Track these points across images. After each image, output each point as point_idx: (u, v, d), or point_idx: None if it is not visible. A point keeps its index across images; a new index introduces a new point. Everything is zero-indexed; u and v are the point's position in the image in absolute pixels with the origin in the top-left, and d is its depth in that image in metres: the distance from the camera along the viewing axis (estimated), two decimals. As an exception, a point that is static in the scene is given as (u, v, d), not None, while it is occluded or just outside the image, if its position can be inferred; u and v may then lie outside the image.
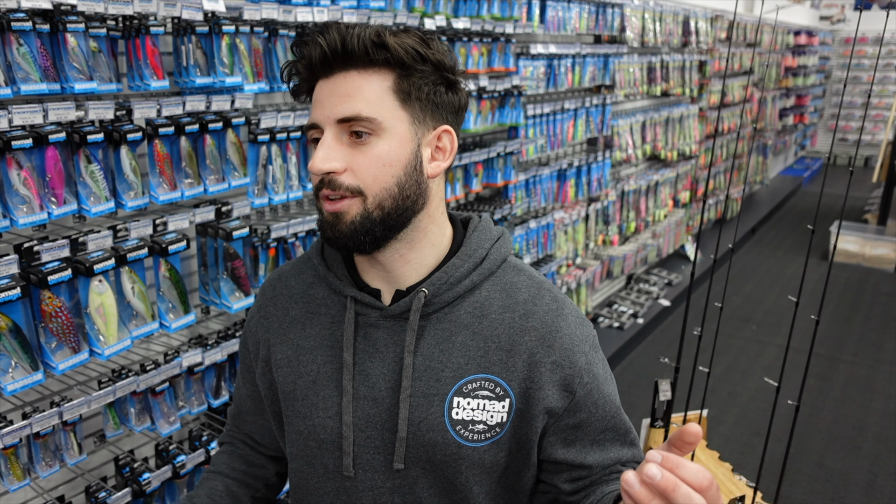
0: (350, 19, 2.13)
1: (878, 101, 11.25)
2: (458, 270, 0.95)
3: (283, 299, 1.06)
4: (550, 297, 0.99)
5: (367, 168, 0.88)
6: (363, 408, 0.95)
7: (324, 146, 0.88)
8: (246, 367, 1.14)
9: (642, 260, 5.13)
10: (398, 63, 0.88)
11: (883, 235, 6.47)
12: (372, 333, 0.96)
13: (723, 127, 6.28)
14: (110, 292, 1.62)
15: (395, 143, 0.89)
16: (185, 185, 1.80)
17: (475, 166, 2.94)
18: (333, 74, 0.89)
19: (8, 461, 1.58)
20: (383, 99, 0.88)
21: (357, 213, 0.89)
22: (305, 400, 0.99)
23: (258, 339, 1.08)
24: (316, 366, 0.99)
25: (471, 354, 0.94)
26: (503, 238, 1.02)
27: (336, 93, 0.88)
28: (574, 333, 0.97)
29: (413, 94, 0.90)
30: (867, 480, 3.15)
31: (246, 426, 1.18)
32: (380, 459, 0.96)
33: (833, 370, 4.25)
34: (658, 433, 2.04)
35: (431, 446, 0.93)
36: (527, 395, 0.94)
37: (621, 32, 4.24)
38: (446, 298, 0.95)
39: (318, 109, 0.90)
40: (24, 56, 1.47)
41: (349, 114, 0.87)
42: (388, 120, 0.88)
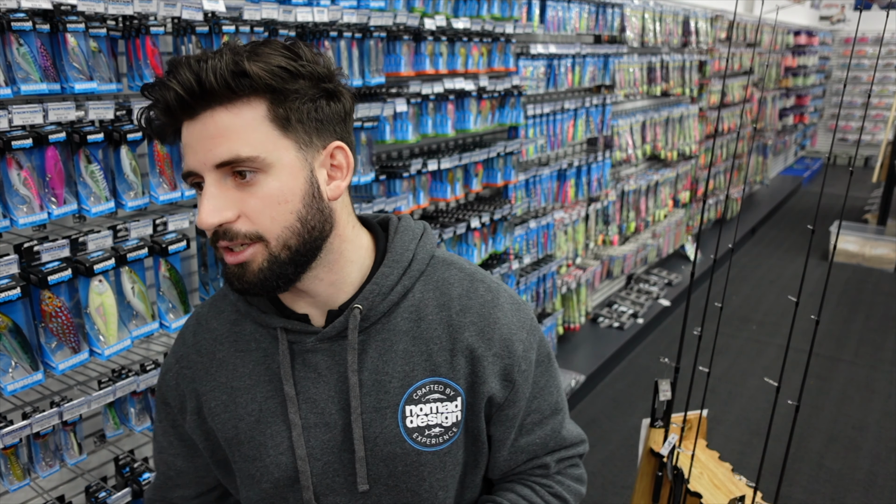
0: (350, 19, 2.13)
1: (878, 101, 11.24)
2: (389, 279, 0.92)
3: (207, 343, 0.98)
4: (484, 287, 0.97)
5: (262, 210, 0.81)
6: (315, 436, 0.92)
7: (208, 197, 0.80)
8: (170, 425, 1.03)
9: (642, 260, 5.13)
10: (267, 88, 0.80)
11: (883, 235, 6.47)
12: (310, 359, 0.92)
13: (723, 127, 6.28)
14: (110, 292, 1.62)
15: (286, 176, 0.81)
16: (185, 185, 1.80)
17: (475, 166, 2.94)
18: (197, 115, 0.80)
19: (8, 461, 1.58)
20: (260, 132, 0.80)
21: (263, 260, 0.82)
22: (251, 441, 0.94)
23: (181, 391, 0.99)
24: (256, 404, 0.93)
25: (415, 360, 0.92)
26: (426, 234, 0.99)
27: (205, 135, 0.79)
28: (511, 322, 0.96)
29: (293, 118, 0.82)
30: (867, 480, 3.15)
31: (177, 493, 1.08)
32: (341, 483, 0.93)
33: (833, 370, 4.25)
34: (658, 433, 2.04)
35: (392, 459, 0.92)
36: (473, 389, 0.94)
37: (621, 32, 4.24)
38: (381, 309, 0.91)
39: (190, 155, 0.81)
40: (24, 56, 1.47)
41: (226, 157, 0.79)
42: (271, 154, 0.80)
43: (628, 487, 3.03)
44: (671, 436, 1.99)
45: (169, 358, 1.03)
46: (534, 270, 3.54)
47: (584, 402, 3.75)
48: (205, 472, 1.06)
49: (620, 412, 3.67)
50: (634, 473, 2.44)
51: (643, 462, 2.08)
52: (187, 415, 0.99)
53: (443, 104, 2.69)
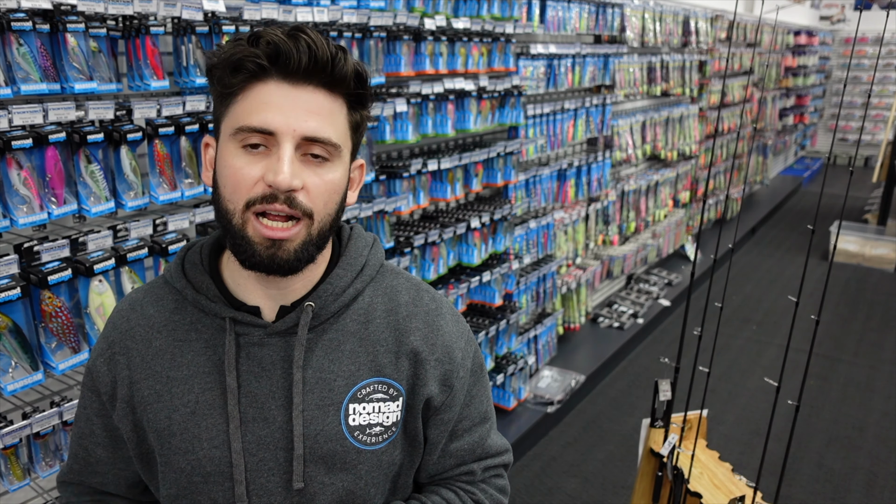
0: (350, 19, 2.13)
1: (878, 101, 11.25)
2: (343, 280, 0.95)
3: (142, 330, 0.96)
4: (429, 297, 1.02)
5: (322, 192, 0.86)
6: (253, 431, 0.91)
7: (289, 160, 0.82)
8: (95, 413, 1.00)
9: (642, 260, 5.13)
10: (356, 97, 0.88)
11: (883, 235, 6.47)
12: (256, 352, 0.92)
13: (723, 127, 6.28)
14: (110, 292, 1.62)
15: (342, 172, 0.89)
16: (185, 185, 1.80)
17: (475, 166, 2.94)
18: (302, 85, 0.83)
19: (8, 461, 1.58)
20: (344, 126, 0.88)
21: (301, 240, 0.86)
22: (185, 434, 0.92)
23: (113, 378, 0.96)
24: (193, 395, 0.92)
25: (361, 360, 0.94)
26: (376, 243, 1.03)
27: (304, 106, 0.83)
28: (452, 331, 1.01)
29: (360, 127, 0.91)
30: (867, 480, 3.15)
31: (95, 479, 1.05)
32: (275, 481, 0.92)
33: (833, 370, 4.25)
34: (658, 433, 2.04)
35: (330, 457, 0.92)
36: (413, 391, 0.97)
37: (621, 32, 4.24)
38: (332, 309, 0.94)
39: (275, 115, 0.82)
40: (24, 56, 1.47)
41: (321, 135, 0.83)
42: (345, 148, 0.88)
43: (628, 487, 3.03)
44: (671, 436, 1.99)
45: (99, 343, 1.00)
46: (534, 270, 3.54)
47: (584, 402, 3.75)
48: (125, 464, 1.03)
49: (620, 412, 3.67)
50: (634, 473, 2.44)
51: (643, 462, 2.08)
52: (117, 403, 0.97)
53: (443, 104, 2.69)
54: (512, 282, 3.28)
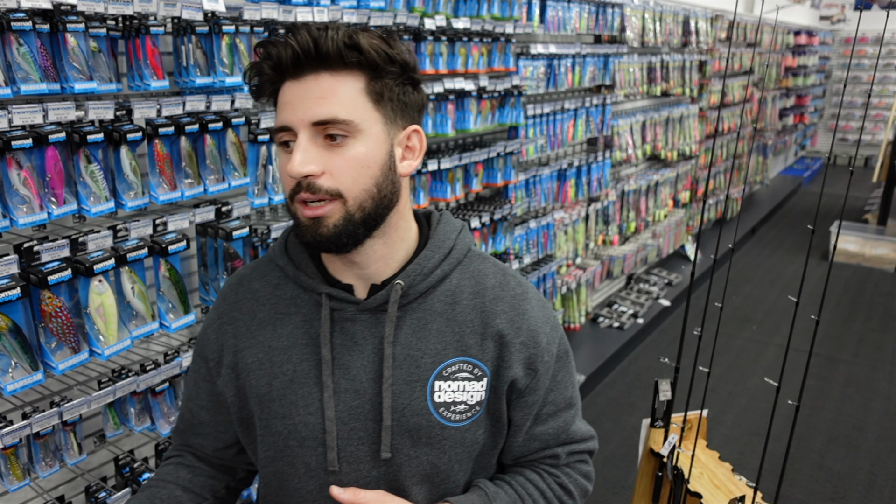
0: (350, 19, 2.13)
1: (878, 101, 11.24)
2: (430, 261, 0.99)
3: (248, 303, 1.04)
4: (515, 282, 1.05)
5: (346, 170, 0.88)
6: (345, 401, 0.97)
7: (300, 149, 0.87)
8: (202, 378, 1.09)
9: (642, 260, 5.13)
10: (370, 65, 0.89)
11: (883, 235, 6.47)
12: (349, 327, 0.98)
13: (723, 127, 6.28)
14: (110, 292, 1.62)
15: (371, 145, 0.90)
16: (185, 185, 1.80)
17: (475, 166, 2.94)
18: (303, 76, 0.88)
19: (8, 461, 1.58)
20: (357, 101, 0.88)
21: (339, 217, 0.89)
22: (283, 400, 0.99)
23: (221, 345, 1.05)
24: (291, 365, 0.99)
25: (447, 340, 0.98)
26: (465, 229, 1.06)
27: (308, 95, 0.87)
28: (538, 316, 1.03)
29: (385, 95, 0.91)
30: (867, 480, 3.15)
31: (196, 440, 1.13)
32: (364, 450, 0.97)
33: (833, 370, 4.25)
34: (658, 433, 2.04)
35: (416, 430, 0.97)
36: (498, 372, 0.99)
37: (621, 32, 4.24)
38: (420, 289, 0.98)
39: (288, 111, 0.89)
40: (24, 56, 1.47)
41: (325, 116, 0.87)
42: (363, 122, 0.89)
43: (628, 487, 3.03)
44: (671, 436, 1.99)
45: (210, 314, 1.09)
46: (534, 270, 3.54)
47: (585, 402, 3.75)
48: (225, 428, 1.11)
49: (620, 412, 3.67)
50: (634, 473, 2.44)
51: (643, 462, 2.08)
52: (223, 369, 1.05)
53: (443, 104, 2.69)
54: (512, 282, 3.27)
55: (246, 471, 1.18)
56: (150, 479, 1.12)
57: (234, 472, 1.17)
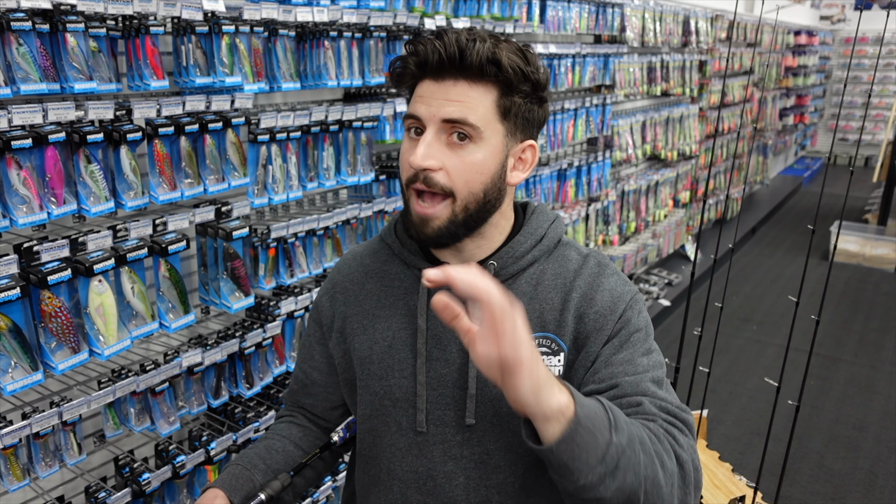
0: (350, 19, 2.13)
1: (878, 100, 11.24)
2: (522, 246, 1.07)
3: (359, 275, 1.16)
4: (595, 262, 1.10)
5: (462, 172, 0.97)
6: (436, 368, 1.05)
7: (425, 143, 0.95)
8: (316, 341, 1.21)
9: (642, 260, 5.13)
10: (504, 81, 0.96)
11: (883, 235, 6.47)
12: None
13: (723, 127, 6.28)
14: (110, 292, 1.62)
15: (489, 153, 0.98)
16: (185, 185, 1.80)
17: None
18: (443, 79, 0.96)
19: (7, 461, 1.58)
20: (487, 111, 0.96)
21: (445, 218, 0.98)
22: (381, 363, 1.08)
23: (333, 312, 1.17)
24: (391, 332, 1.09)
25: (530, 317, 1.04)
26: (558, 220, 1.13)
27: (444, 96, 0.95)
28: (614, 289, 1.06)
29: (512, 111, 0.98)
30: (867, 480, 3.15)
31: (307, 400, 1.25)
32: (451, 415, 1.05)
33: (833, 370, 4.25)
34: (658, 433, 2.04)
35: (498, 400, 1.02)
36: (576, 346, 1.04)
37: (621, 32, 4.23)
38: (511, 271, 1.06)
39: (422, 105, 0.97)
40: (24, 56, 1.47)
41: (457, 116, 0.94)
42: (487, 130, 0.96)
43: (628, 487, 3.02)
44: (671, 436, 1.98)
45: (326, 283, 1.22)
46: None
47: (584, 402, 3.74)
48: (334, 389, 1.22)
49: (620, 412, 3.67)
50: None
51: (643, 462, 2.08)
52: (333, 333, 1.17)
53: (443, 104, 2.69)
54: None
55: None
56: (267, 432, 1.24)
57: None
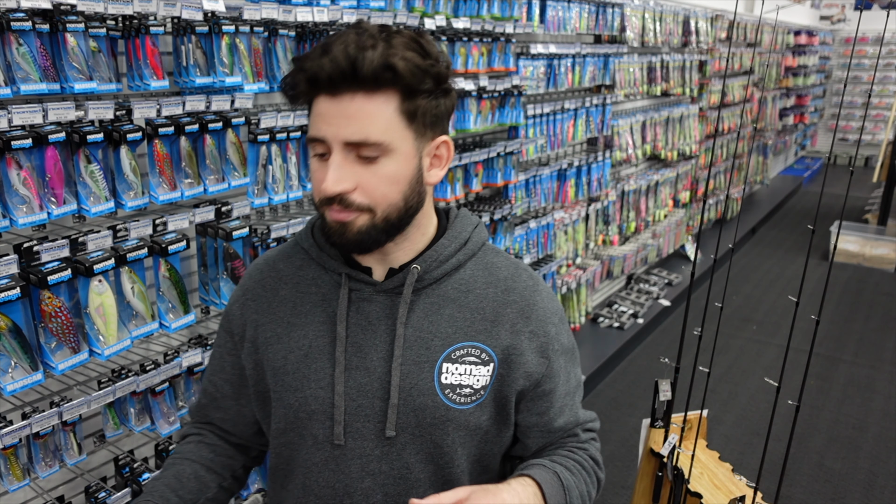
0: (350, 19, 2.13)
1: (878, 100, 11.24)
2: (447, 250, 1.03)
3: (272, 281, 1.10)
4: (527, 275, 1.10)
5: (377, 187, 0.92)
6: (355, 378, 1.00)
7: (334, 167, 0.90)
8: (227, 352, 1.15)
9: (642, 260, 5.13)
10: (404, 85, 0.90)
11: (883, 235, 6.47)
12: (365, 307, 1.02)
13: (723, 127, 6.28)
14: (110, 292, 1.62)
15: (402, 162, 0.93)
16: (185, 185, 1.80)
17: (475, 166, 2.94)
18: (339, 94, 0.89)
19: (7, 461, 1.58)
20: (391, 121, 0.90)
21: (364, 224, 0.94)
22: (297, 373, 1.03)
23: (244, 320, 1.10)
24: (307, 340, 1.03)
25: (458, 325, 1.02)
26: (480, 225, 1.11)
27: (343, 114, 0.89)
28: (547, 307, 1.08)
29: (418, 113, 0.93)
30: (867, 480, 3.15)
31: (217, 414, 1.18)
32: (370, 427, 1.00)
33: (833, 370, 4.25)
34: (658, 433, 2.04)
35: (422, 410, 1.00)
36: (508, 360, 1.03)
37: (621, 32, 4.24)
38: (435, 275, 1.02)
39: (323, 125, 0.91)
40: (24, 56, 1.47)
41: (358, 138, 0.89)
42: (395, 140, 0.91)
43: (628, 487, 3.03)
44: (671, 436, 1.99)
45: (236, 291, 1.15)
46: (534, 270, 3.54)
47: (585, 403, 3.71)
48: (246, 401, 1.15)
49: (620, 412, 3.67)
50: (634, 473, 2.44)
51: (643, 462, 2.08)
52: (245, 343, 1.10)
53: (443, 104, 2.69)
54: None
55: (258, 450, 1.23)
56: (173, 455, 1.15)
57: (249, 451, 1.22)
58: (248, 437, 1.19)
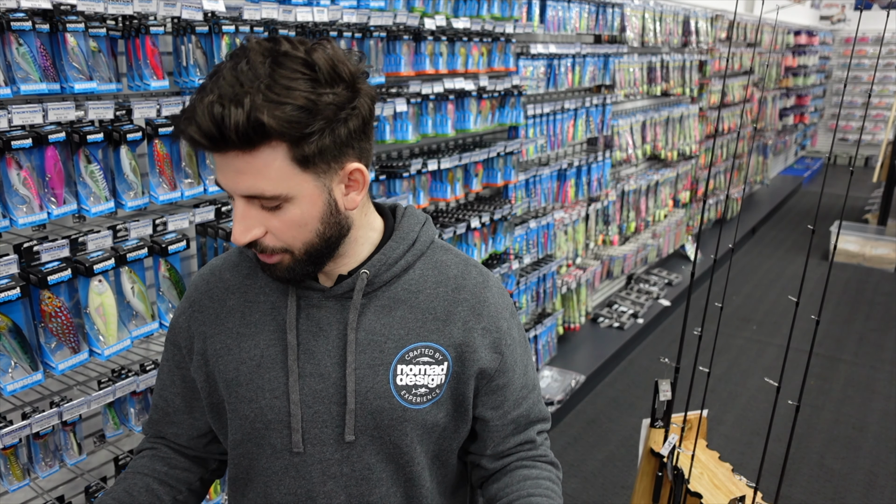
0: (350, 19, 2.13)
1: (878, 100, 11.24)
2: (395, 252, 1.02)
3: (219, 291, 1.07)
4: (477, 271, 1.09)
5: (286, 231, 0.90)
6: (310, 385, 0.99)
7: (238, 219, 0.89)
8: (175, 365, 1.12)
9: (642, 260, 5.13)
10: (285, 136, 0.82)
11: (883, 235, 6.47)
12: (314, 314, 1.01)
13: (723, 127, 6.28)
14: (110, 292, 1.62)
15: (306, 205, 0.89)
16: (185, 184, 1.80)
17: (475, 166, 2.94)
18: (223, 152, 0.84)
19: (7, 461, 1.58)
20: (280, 171, 0.84)
21: (287, 263, 0.93)
22: (250, 384, 1.01)
23: (191, 333, 1.08)
24: (259, 350, 1.02)
25: (410, 326, 1.01)
26: (428, 222, 1.09)
27: (231, 168, 0.85)
28: (498, 303, 1.08)
29: (313, 155, 0.85)
30: (867, 480, 3.15)
31: (171, 429, 1.15)
32: (328, 433, 1.00)
33: (833, 370, 4.25)
34: (658, 433, 2.04)
35: (379, 413, 1.00)
36: (462, 358, 1.03)
37: (621, 32, 4.24)
38: (384, 278, 1.01)
39: (221, 177, 0.88)
40: (24, 56, 1.47)
41: (253, 192, 0.86)
42: (291, 189, 0.86)
43: (628, 487, 3.03)
44: (671, 436, 1.99)
45: (182, 303, 1.12)
46: (534, 270, 3.54)
47: (584, 402, 3.75)
48: (199, 414, 1.13)
49: (620, 412, 3.67)
50: (634, 473, 2.44)
51: (643, 462, 2.08)
52: (194, 355, 1.07)
53: (443, 104, 2.69)
54: (512, 282, 3.28)
55: (217, 461, 1.20)
56: (126, 471, 1.12)
57: (207, 464, 1.19)
58: (204, 449, 1.17)
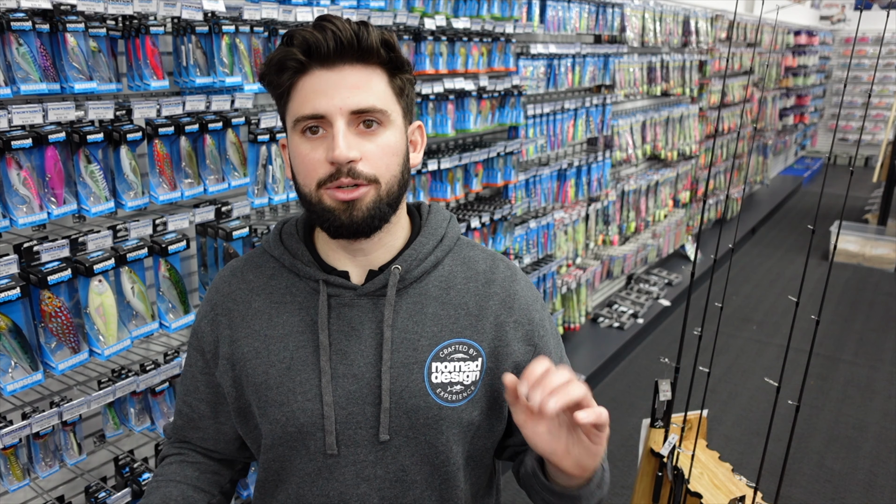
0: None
1: (878, 100, 11.24)
2: (425, 247, 1.03)
3: (243, 293, 1.06)
4: (504, 265, 1.09)
5: (380, 157, 0.93)
6: (343, 386, 0.98)
7: (343, 135, 0.90)
8: (200, 370, 1.10)
9: (642, 260, 5.13)
10: (393, 63, 0.95)
11: (883, 235, 6.47)
12: (346, 313, 1.00)
13: (723, 127, 6.28)
14: (110, 292, 1.62)
15: (398, 134, 0.96)
16: (185, 185, 1.80)
17: (475, 166, 2.94)
18: (337, 66, 0.91)
19: (7, 461, 1.58)
20: (387, 93, 0.94)
21: (371, 200, 0.93)
22: (280, 387, 1.00)
23: (216, 337, 1.06)
24: (288, 352, 1.00)
25: (443, 322, 1.01)
26: (453, 219, 1.11)
27: (345, 84, 0.91)
28: (528, 295, 1.08)
29: (404, 91, 0.97)
30: (867, 480, 3.15)
31: (196, 434, 1.14)
32: (363, 434, 0.99)
33: (833, 370, 4.25)
34: (658, 433, 2.04)
35: (414, 412, 0.99)
36: (496, 353, 1.03)
37: (621, 32, 4.24)
38: (416, 274, 1.01)
39: (323, 99, 0.91)
40: (24, 56, 1.47)
41: (365, 105, 0.91)
42: (393, 112, 0.95)
43: (628, 487, 3.03)
44: (671, 436, 1.99)
45: (203, 306, 1.10)
46: (534, 270, 3.54)
47: (584, 402, 3.74)
48: (225, 419, 1.12)
49: (620, 412, 3.67)
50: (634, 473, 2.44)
51: (643, 462, 2.08)
52: (219, 360, 1.06)
53: (443, 104, 2.69)
54: (512, 282, 3.27)
55: (243, 462, 1.20)
56: (157, 479, 1.10)
57: (234, 465, 1.20)
58: (231, 453, 1.16)
